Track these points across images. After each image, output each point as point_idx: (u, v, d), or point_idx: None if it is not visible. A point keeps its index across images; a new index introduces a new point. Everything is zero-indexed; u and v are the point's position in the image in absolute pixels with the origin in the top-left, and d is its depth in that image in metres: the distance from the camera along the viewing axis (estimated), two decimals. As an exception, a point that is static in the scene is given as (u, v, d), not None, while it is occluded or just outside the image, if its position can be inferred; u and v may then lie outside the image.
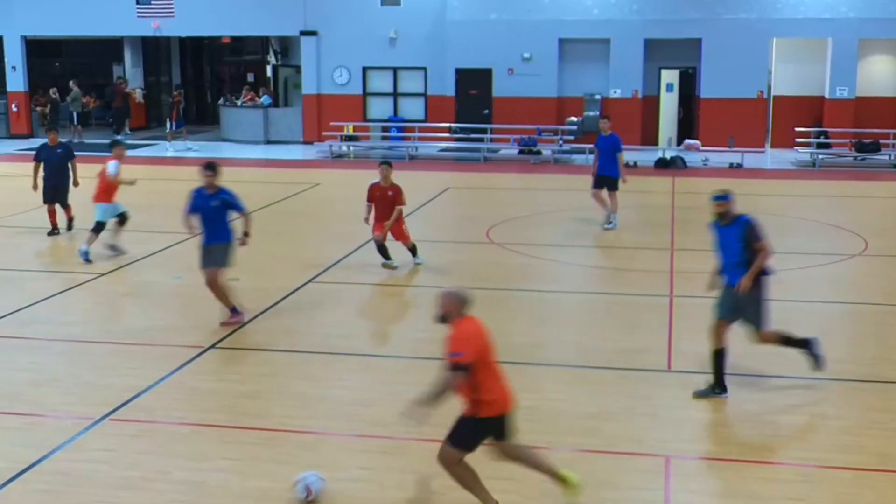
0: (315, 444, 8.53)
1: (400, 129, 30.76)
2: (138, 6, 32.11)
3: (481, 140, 29.35)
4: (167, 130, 31.47)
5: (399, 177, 15.25)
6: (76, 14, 32.09)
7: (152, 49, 37.73)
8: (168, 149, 30.50)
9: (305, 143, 31.60)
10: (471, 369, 6.79)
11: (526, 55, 29.88)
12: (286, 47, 35.32)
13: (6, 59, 33.40)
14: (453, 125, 30.20)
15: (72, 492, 7.59)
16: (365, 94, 31.71)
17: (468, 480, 7.13)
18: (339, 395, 9.68)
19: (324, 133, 30.59)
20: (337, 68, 31.48)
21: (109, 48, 36.66)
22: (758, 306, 9.45)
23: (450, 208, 20.81)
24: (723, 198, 9.43)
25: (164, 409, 9.28)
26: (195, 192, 11.84)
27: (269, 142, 31.82)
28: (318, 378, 10.20)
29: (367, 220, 14.68)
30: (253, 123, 31.91)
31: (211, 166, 11.76)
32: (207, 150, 29.36)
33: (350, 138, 30.26)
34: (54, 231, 16.89)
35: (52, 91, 32.43)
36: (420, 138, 30.06)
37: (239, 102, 33.46)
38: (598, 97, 29.80)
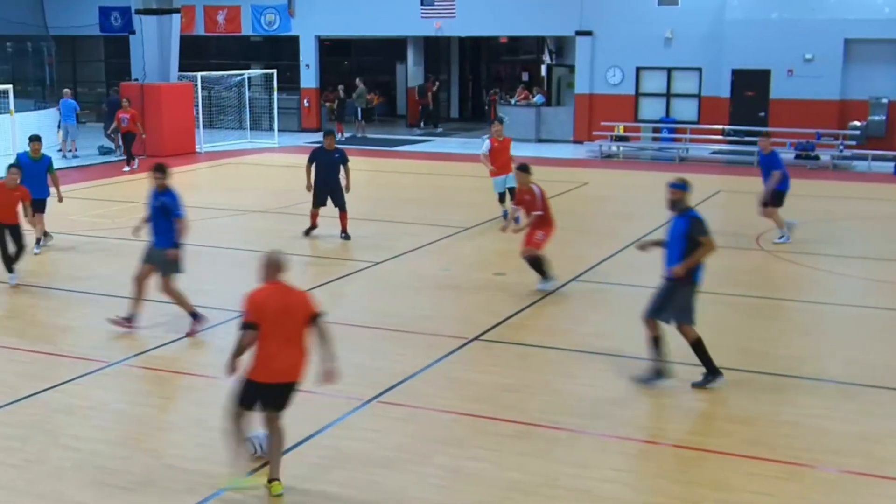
0: (569, 440, 8.56)
1: (671, 131, 30.20)
2: (422, 7, 33.24)
3: (755, 143, 28.30)
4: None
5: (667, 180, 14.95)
6: (365, 15, 33.63)
7: (433, 48, 38.94)
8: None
9: (575, 142, 31.65)
10: (255, 329, 7.15)
11: (808, 56, 28.55)
12: (561, 47, 35.50)
13: (301, 58, 35.50)
14: (727, 127, 29.33)
15: (339, 467, 8.01)
16: (637, 94, 31.37)
17: (233, 434, 7.47)
18: (596, 395, 9.67)
19: (594, 133, 30.52)
20: (610, 68, 31.32)
21: (393, 47, 38.20)
22: (686, 303, 9.55)
23: (719, 212, 20.19)
24: (676, 186, 9.58)
25: (428, 396, 9.61)
26: (151, 193, 11.73)
27: (540, 140, 32.10)
28: (576, 376, 10.23)
29: (503, 229, 14.10)
30: (525, 122, 32.27)
31: (160, 168, 11.62)
32: (479, 148, 29.90)
33: (620, 139, 30.04)
34: (311, 229, 16.57)
35: (339, 88, 34.16)
36: (692, 140, 29.41)
37: (513, 101, 33.95)
38: (884, 101, 28.03)
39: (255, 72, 34.07)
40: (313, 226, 16.57)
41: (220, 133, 32.61)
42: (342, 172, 16.45)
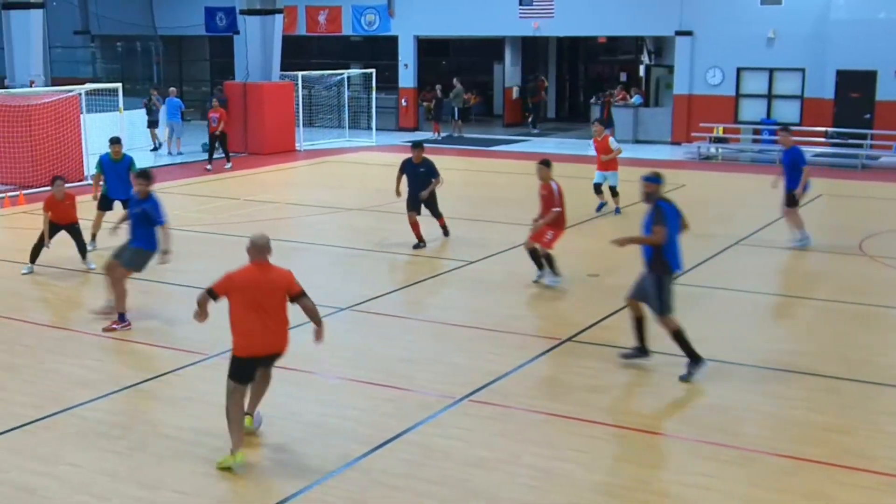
0: (662, 445, 8.47)
1: (772, 132, 29.53)
2: (521, 7, 33.19)
3: (860, 146, 27.59)
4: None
5: (768, 182, 14.66)
6: (464, 16, 33.72)
7: (530, 48, 38.84)
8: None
9: (673, 143, 31.24)
10: (215, 297, 7.90)
11: (917, 56, 27.69)
12: (660, 47, 35.07)
13: (399, 58, 35.77)
14: (830, 129, 28.61)
15: (430, 464, 8.06)
16: (737, 95, 30.80)
17: (232, 414, 7.95)
18: (691, 399, 9.55)
19: (692, 134, 30.08)
20: (710, 69, 30.82)
21: (491, 47, 38.20)
22: (656, 292, 9.84)
23: (821, 216, 19.73)
24: (648, 179, 9.96)
25: (519, 396, 9.60)
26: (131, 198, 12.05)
27: (637, 141, 31.76)
28: (670, 379, 10.09)
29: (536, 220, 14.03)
30: (623, 122, 31.98)
31: (143, 174, 11.89)
32: (575, 148, 29.76)
33: (719, 140, 29.54)
34: (419, 245, 16.06)
35: (437, 88, 34.30)
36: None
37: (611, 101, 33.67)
38: None
39: (354, 71, 34.46)
40: (419, 238, 16.04)
41: (319, 131, 33.09)
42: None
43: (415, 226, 16.00)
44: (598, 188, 19.17)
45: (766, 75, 30.34)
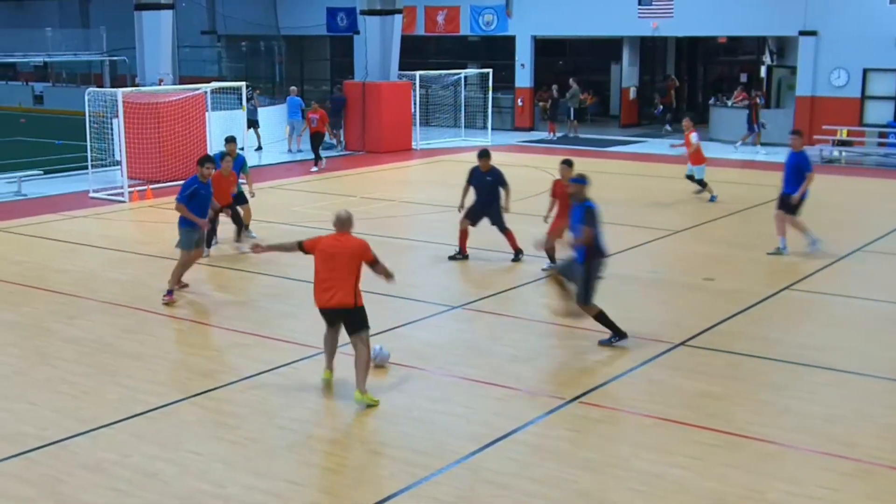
0: (776, 454, 8.26)
1: (901, 136, 28.54)
2: (640, 7, 32.77)
3: None
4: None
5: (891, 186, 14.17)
6: (582, 15, 33.47)
7: (649, 48, 38.33)
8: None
9: (795, 145, 30.34)
10: (303, 249, 9.60)
11: None
12: (782, 47, 34.17)
13: (516, 57, 35.72)
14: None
15: (537, 464, 8.03)
16: (863, 97, 29.80)
17: (325, 345, 9.78)
18: (806, 409, 9.28)
19: (815, 136, 29.22)
20: (835, 69, 29.89)
21: (608, 47, 37.81)
22: (585, 282, 10.75)
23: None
24: (575, 181, 11.16)
25: (629, 399, 9.49)
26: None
27: (761, 143, 30.97)
28: (785, 388, 9.85)
29: (546, 218, 14.39)
30: (742, 124, 31.26)
31: (208, 159, 13.42)
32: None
33: (843, 143, 28.63)
34: (458, 256, 15.41)
35: (553, 87, 34.12)
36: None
37: (729, 102, 32.98)
38: None
39: (471, 71, 34.55)
40: (462, 250, 15.33)
41: (435, 131, 33.28)
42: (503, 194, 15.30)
43: (464, 235, 15.30)
44: (691, 178, 20.67)
45: (893, 77, 29.28)
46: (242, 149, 18.31)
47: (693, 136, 20.38)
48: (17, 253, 15.90)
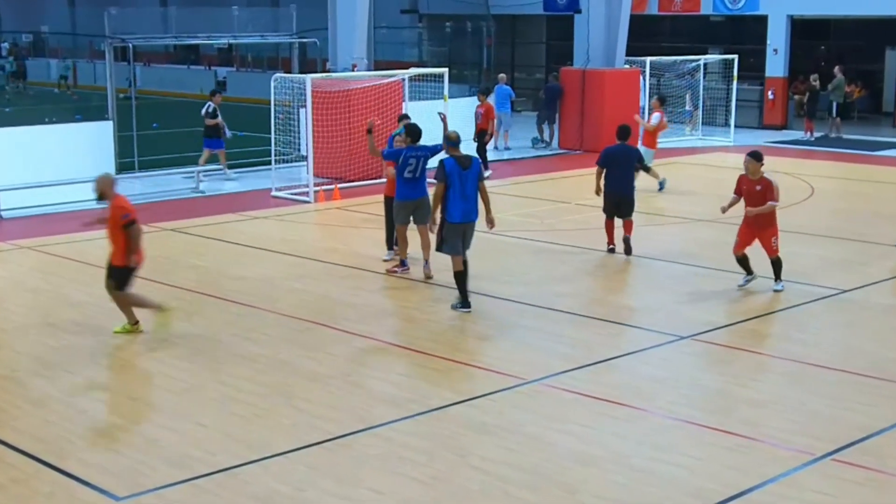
0: None
1: None
2: (924, -20, 31.37)
3: None
4: None
5: None
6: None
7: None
8: None
9: None
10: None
11: None
12: None
13: (768, 41, 34.83)
14: None
15: (780, 532, 7.78)
16: None
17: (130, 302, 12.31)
18: None
19: None
20: None
21: (882, 29, 36.29)
22: (438, 232, 13.44)
23: None
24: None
25: (896, 459, 9.08)
26: None
27: None
28: None
29: (724, 210, 14.83)
30: None
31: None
32: None
33: None
34: (611, 249, 16.40)
35: (812, 78, 33.07)
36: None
37: None
38: None
39: (712, 57, 33.93)
40: (610, 241, 16.57)
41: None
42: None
43: (609, 229, 16.60)
44: None
45: None
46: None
47: (654, 118, 22.62)
48: (191, 256, 16.73)
